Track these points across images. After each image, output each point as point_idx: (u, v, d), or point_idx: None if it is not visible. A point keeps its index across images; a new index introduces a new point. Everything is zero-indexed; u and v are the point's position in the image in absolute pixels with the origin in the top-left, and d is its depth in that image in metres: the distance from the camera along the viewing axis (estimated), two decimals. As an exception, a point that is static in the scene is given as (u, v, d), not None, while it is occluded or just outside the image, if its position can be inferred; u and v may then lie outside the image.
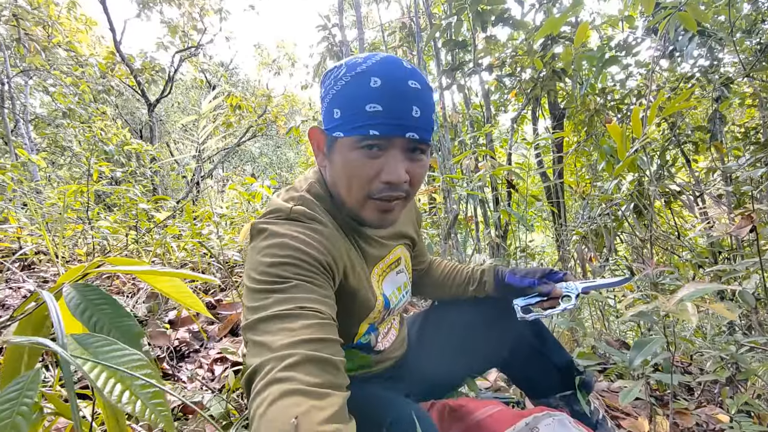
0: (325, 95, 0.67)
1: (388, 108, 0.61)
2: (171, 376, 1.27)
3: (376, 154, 0.64)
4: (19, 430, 0.40)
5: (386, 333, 0.89)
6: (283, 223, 0.65)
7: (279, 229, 0.64)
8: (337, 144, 0.66)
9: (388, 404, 0.67)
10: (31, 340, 0.44)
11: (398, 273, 0.87)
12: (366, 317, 0.77)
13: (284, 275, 0.58)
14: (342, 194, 0.70)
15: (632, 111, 1.36)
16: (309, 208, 0.69)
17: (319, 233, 0.66)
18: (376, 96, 0.61)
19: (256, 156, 13.60)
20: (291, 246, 0.61)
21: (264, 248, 0.62)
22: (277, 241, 0.62)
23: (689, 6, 1.58)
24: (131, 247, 2.12)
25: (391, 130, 0.62)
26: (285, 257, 0.60)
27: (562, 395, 0.99)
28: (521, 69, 3.71)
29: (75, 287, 0.56)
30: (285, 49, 10.09)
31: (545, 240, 8.03)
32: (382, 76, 0.62)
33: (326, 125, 0.68)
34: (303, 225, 0.66)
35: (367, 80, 0.61)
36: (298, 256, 0.60)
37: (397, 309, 0.87)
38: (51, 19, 5.59)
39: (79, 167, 5.64)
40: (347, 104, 0.63)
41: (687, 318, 0.76)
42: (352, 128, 0.63)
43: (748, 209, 1.42)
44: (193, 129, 1.92)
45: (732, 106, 3.82)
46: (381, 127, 0.62)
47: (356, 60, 0.64)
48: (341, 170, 0.67)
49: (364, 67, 0.63)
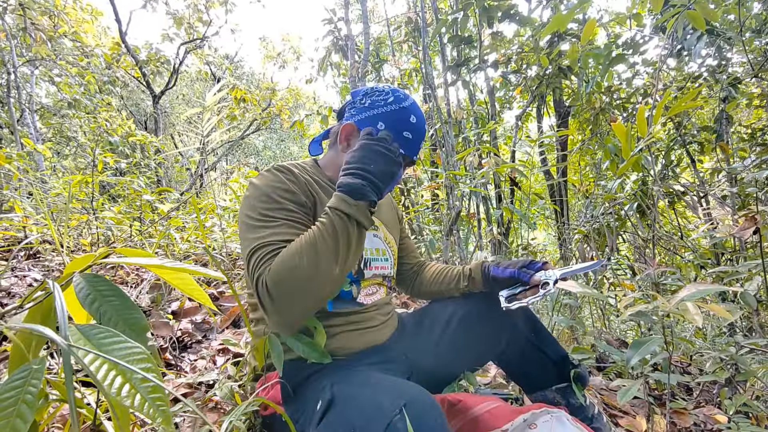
0: (372, 107, 0.92)
1: (415, 138, 0.93)
2: (174, 366, 1.28)
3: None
4: (23, 417, 0.41)
5: (371, 293, 0.97)
6: (266, 174, 0.88)
7: (263, 177, 0.87)
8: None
9: (400, 387, 0.68)
10: (33, 329, 0.44)
11: (375, 236, 1.00)
12: None
13: (273, 215, 0.81)
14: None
15: (638, 110, 1.35)
16: (288, 165, 0.91)
17: (290, 178, 0.88)
18: (411, 129, 0.92)
19: (260, 149, 13.62)
20: (276, 188, 0.85)
21: (254, 194, 0.84)
22: (264, 189, 0.84)
23: (698, 4, 1.57)
24: (135, 238, 2.14)
25: (411, 153, 0.94)
26: (273, 200, 0.83)
27: (558, 387, 1.00)
28: (527, 66, 3.69)
29: (85, 277, 0.57)
30: (290, 42, 10.06)
31: (547, 238, 8.02)
32: (417, 116, 0.93)
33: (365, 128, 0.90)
34: (282, 174, 0.88)
35: (408, 115, 0.92)
36: (282, 197, 0.84)
37: (374, 267, 0.97)
38: (57, 9, 5.60)
39: (84, 158, 5.67)
40: (392, 125, 0.91)
41: (691, 319, 0.76)
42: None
43: (752, 211, 1.41)
44: (197, 121, 1.92)
45: (739, 106, 3.79)
46: (407, 150, 0.93)
47: (400, 95, 0.93)
48: None
49: (406, 104, 0.93)
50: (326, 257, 0.72)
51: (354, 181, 0.77)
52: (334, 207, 0.76)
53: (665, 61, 3.11)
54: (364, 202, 0.77)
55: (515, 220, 3.01)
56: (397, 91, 0.94)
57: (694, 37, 2.71)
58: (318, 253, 0.72)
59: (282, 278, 0.71)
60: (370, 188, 0.77)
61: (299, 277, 0.71)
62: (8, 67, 4.60)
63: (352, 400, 0.69)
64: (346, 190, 0.77)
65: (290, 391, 0.83)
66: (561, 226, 3.69)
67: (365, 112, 0.92)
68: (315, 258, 0.72)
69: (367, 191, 0.77)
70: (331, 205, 0.77)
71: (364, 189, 0.77)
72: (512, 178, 3.14)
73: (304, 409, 0.77)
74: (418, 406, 0.62)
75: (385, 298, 1.01)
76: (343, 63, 5.93)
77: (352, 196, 0.76)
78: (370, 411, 0.64)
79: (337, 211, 0.75)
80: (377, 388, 0.69)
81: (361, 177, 0.77)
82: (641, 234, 2.32)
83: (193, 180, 5.09)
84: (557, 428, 0.79)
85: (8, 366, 0.55)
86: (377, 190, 0.79)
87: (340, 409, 0.69)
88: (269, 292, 0.72)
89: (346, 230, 0.75)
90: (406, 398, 0.63)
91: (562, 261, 2.67)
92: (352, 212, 0.75)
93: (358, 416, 0.65)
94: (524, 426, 0.81)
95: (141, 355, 0.48)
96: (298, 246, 0.73)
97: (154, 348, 0.82)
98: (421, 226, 2.99)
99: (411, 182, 3.25)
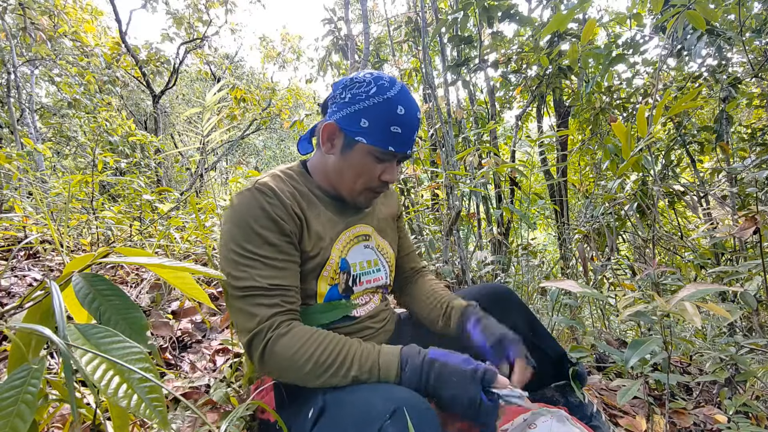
0: (352, 102, 0.82)
1: (405, 133, 0.82)
2: (173, 366, 1.28)
3: (383, 162, 0.85)
4: (23, 417, 0.41)
5: (363, 303, 0.94)
6: (246, 194, 0.81)
7: (244, 202, 0.80)
8: (357, 146, 0.83)
9: (392, 391, 0.67)
10: (32, 329, 0.44)
11: (366, 247, 0.96)
12: (320, 274, 0.86)
13: (256, 252, 0.77)
14: (344, 182, 0.88)
15: (638, 110, 1.35)
16: (271, 181, 0.84)
17: (273, 201, 0.81)
18: (399, 122, 0.81)
19: (260, 149, 13.61)
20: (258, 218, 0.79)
21: (235, 222, 0.79)
22: (245, 219, 0.78)
23: (698, 4, 1.57)
24: (135, 237, 2.14)
25: (402, 149, 0.84)
26: (255, 232, 0.78)
27: (557, 385, 1.00)
28: (527, 66, 3.69)
29: (84, 277, 0.57)
30: (290, 42, 10.05)
31: (547, 238, 8.02)
32: (405, 106, 0.82)
33: (348, 127, 0.83)
34: (264, 196, 0.81)
35: (394, 107, 0.81)
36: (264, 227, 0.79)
37: (365, 281, 0.93)
38: (57, 9, 5.59)
39: (84, 157, 5.66)
40: (376, 121, 0.81)
41: (690, 319, 0.76)
42: (376, 140, 0.81)
43: (752, 211, 1.41)
44: (197, 121, 1.92)
45: (739, 106, 3.79)
46: (397, 146, 0.83)
47: (383, 83, 0.82)
48: (354, 167, 0.85)
49: (392, 94, 0.81)
50: (335, 380, 0.72)
51: (417, 371, 0.71)
52: (382, 362, 0.72)
53: (665, 61, 3.10)
54: (404, 383, 0.71)
55: (515, 220, 3.01)
56: (380, 78, 0.83)
57: (694, 37, 2.71)
58: (332, 374, 0.72)
59: (283, 363, 0.73)
60: (419, 384, 0.70)
61: (300, 374, 0.73)
62: (8, 67, 4.60)
63: (344, 405, 0.69)
64: (406, 366, 0.72)
65: (284, 396, 0.82)
66: (561, 226, 3.69)
67: (346, 108, 0.83)
68: (325, 374, 0.72)
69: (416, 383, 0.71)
70: (382, 357, 0.73)
71: (416, 380, 0.71)
72: (512, 178, 3.14)
73: (297, 415, 0.77)
74: (410, 411, 0.61)
75: (380, 305, 0.99)
76: (343, 63, 5.93)
77: (403, 373, 0.71)
78: (361, 415, 0.63)
79: (381, 367, 0.72)
80: (369, 393, 0.68)
81: (424, 376, 0.71)
82: (641, 234, 2.32)
83: (193, 180, 5.09)
84: (557, 428, 0.79)
85: (7, 366, 0.55)
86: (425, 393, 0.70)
87: (332, 415, 0.69)
88: (264, 360, 0.74)
89: (370, 380, 0.72)
90: (397, 403, 0.62)
91: (562, 261, 2.67)
92: (387, 377, 0.71)
93: (349, 421, 0.64)
94: (524, 426, 0.81)
95: (139, 354, 0.48)
96: (316, 349, 0.73)
97: (155, 347, 0.82)
98: (421, 226, 2.99)
99: (411, 182, 3.25)
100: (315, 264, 0.85)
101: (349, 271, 0.90)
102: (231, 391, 1.01)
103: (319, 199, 0.90)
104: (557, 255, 3.61)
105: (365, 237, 0.97)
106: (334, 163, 0.88)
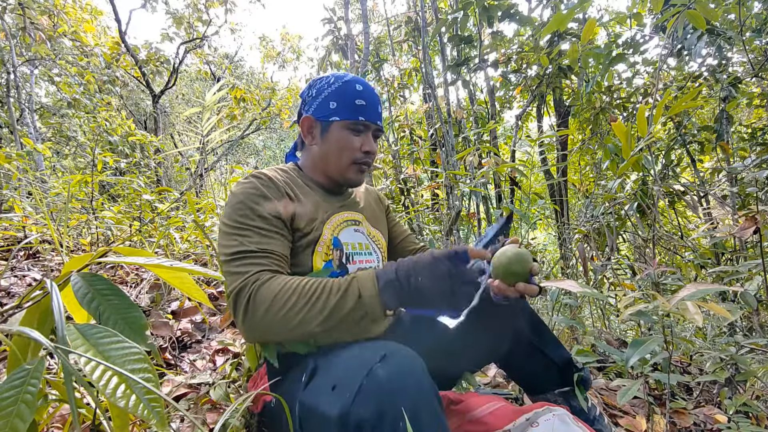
0: (319, 94, 0.95)
1: (369, 104, 0.94)
2: (173, 366, 1.28)
3: (359, 134, 0.94)
4: (23, 417, 0.41)
5: None
6: (243, 182, 0.88)
7: (240, 186, 0.87)
8: (333, 126, 0.94)
9: (383, 343, 0.68)
10: (26, 333, 0.44)
11: (356, 231, 1.01)
12: (315, 249, 0.90)
13: (246, 223, 0.82)
14: (330, 162, 0.96)
15: (638, 109, 1.35)
16: (266, 171, 0.92)
17: (266, 183, 0.88)
18: (361, 96, 0.93)
19: (260, 149, 13.60)
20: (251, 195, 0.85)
21: (231, 204, 0.85)
22: (239, 197, 0.84)
23: (698, 4, 1.56)
24: (135, 237, 2.13)
25: (371, 118, 0.94)
26: (247, 206, 0.83)
27: (561, 391, 0.99)
28: (527, 65, 3.68)
29: (83, 276, 0.56)
30: (290, 42, 10.05)
31: (547, 238, 8.02)
32: (362, 84, 0.95)
33: (321, 114, 0.94)
34: (258, 180, 0.88)
35: (353, 86, 0.94)
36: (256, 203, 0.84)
37: (357, 261, 0.97)
38: (56, 9, 5.59)
39: (84, 157, 5.66)
40: (341, 99, 0.93)
41: (691, 318, 0.76)
42: (347, 114, 0.92)
43: (752, 211, 1.41)
44: (197, 121, 1.92)
45: (739, 106, 3.79)
46: (366, 115, 0.93)
47: (339, 74, 0.96)
48: (335, 143, 0.94)
49: (348, 78, 0.95)
50: (315, 314, 0.71)
51: (392, 276, 0.72)
52: (359, 279, 0.73)
53: (665, 60, 3.10)
54: (385, 297, 0.71)
55: (515, 220, 3.01)
56: (336, 74, 0.97)
57: (695, 36, 2.71)
58: (311, 306, 0.71)
59: (264, 307, 0.72)
60: (401, 291, 0.71)
61: (280, 316, 0.71)
62: (8, 67, 4.60)
63: (335, 361, 0.70)
64: (381, 277, 0.72)
65: (277, 373, 0.82)
66: (561, 226, 3.68)
67: (315, 101, 0.95)
68: (305, 308, 0.71)
69: (396, 291, 0.71)
70: (358, 276, 0.74)
71: (395, 286, 0.71)
72: (512, 178, 3.14)
73: (291, 385, 0.78)
74: (397, 356, 0.63)
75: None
76: (343, 62, 5.93)
77: (380, 282, 0.72)
78: (352, 363, 0.65)
79: (358, 284, 0.72)
80: (358, 349, 0.70)
81: (402, 279, 0.72)
82: (641, 234, 2.32)
83: (193, 179, 5.09)
84: (559, 427, 0.79)
85: (7, 366, 0.55)
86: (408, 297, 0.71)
87: (324, 371, 0.71)
88: (248, 314, 0.73)
89: (351, 306, 0.71)
90: (386, 350, 0.64)
91: (562, 261, 2.67)
92: (366, 295, 0.71)
93: (341, 370, 0.66)
94: (526, 425, 0.81)
95: (138, 355, 0.48)
96: (296, 286, 0.73)
97: (154, 347, 0.82)
98: (421, 226, 2.99)
99: (411, 182, 3.25)
100: (308, 240, 0.89)
101: (342, 248, 0.94)
102: (231, 390, 1.01)
103: (311, 189, 0.97)
104: (557, 255, 3.60)
105: (355, 222, 1.02)
106: (318, 150, 0.97)
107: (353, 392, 0.59)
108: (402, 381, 0.59)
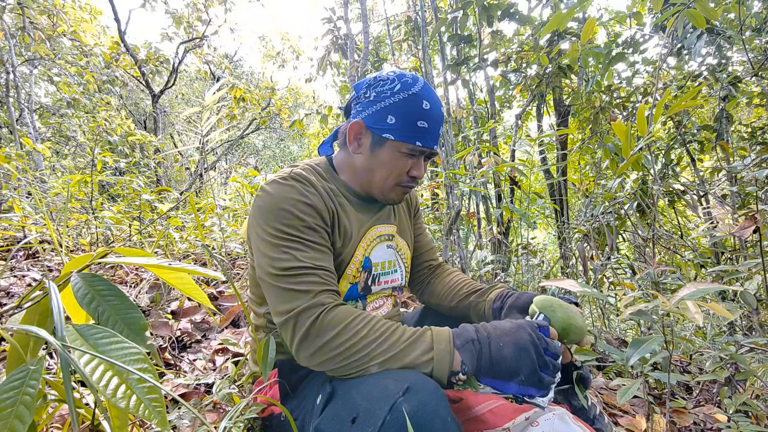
0: (377, 100, 0.84)
1: (431, 126, 0.84)
2: (173, 366, 1.28)
3: (412, 158, 0.86)
4: (22, 418, 0.41)
5: (377, 306, 0.94)
6: (282, 182, 0.81)
7: (281, 188, 0.80)
8: (387, 143, 0.84)
9: (403, 373, 0.66)
10: (29, 330, 0.44)
11: (388, 247, 0.96)
12: (344, 272, 0.86)
13: (296, 235, 0.76)
14: (374, 180, 0.88)
15: (638, 109, 1.35)
16: (305, 172, 0.85)
17: (310, 190, 0.82)
18: (426, 116, 0.82)
19: (260, 149, 13.60)
20: (297, 202, 0.78)
21: (271, 207, 0.78)
22: (281, 203, 0.77)
23: (698, 3, 1.56)
24: (134, 237, 2.13)
25: (429, 144, 0.85)
26: (294, 215, 0.77)
27: (560, 389, 0.99)
28: (527, 65, 3.68)
29: (83, 277, 0.56)
30: (289, 41, 10.04)
31: (547, 237, 8.02)
32: (430, 101, 0.83)
33: (375, 125, 0.84)
34: (302, 184, 0.81)
35: (420, 102, 0.82)
36: (303, 212, 0.78)
37: (383, 282, 0.94)
38: (56, 8, 5.58)
39: (84, 157, 5.66)
40: (402, 116, 0.82)
41: (691, 317, 0.76)
42: (404, 136, 0.83)
43: (752, 210, 1.41)
44: (196, 121, 1.92)
45: (739, 105, 3.78)
46: (424, 140, 0.84)
47: (407, 80, 0.84)
48: (384, 164, 0.86)
49: (416, 89, 0.83)
50: (380, 353, 0.69)
51: (473, 336, 0.70)
52: (434, 331, 0.71)
53: (665, 59, 3.10)
54: (463, 356, 0.69)
55: (515, 219, 3.01)
56: (403, 75, 0.85)
57: (694, 35, 2.71)
58: (378, 344, 0.69)
59: (332, 333, 0.69)
60: (481, 354, 0.69)
61: (346, 346, 0.69)
62: (7, 67, 4.59)
63: (355, 387, 0.68)
64: (458, 335, 0.70)
65: (288, 390, 0.82)
66: (561, 226, 3.68)
67: (372, 107, 0.84)
68: (372, 344, 0.69)
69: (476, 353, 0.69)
70: (432, 328, 0.72)
71: (475, 348, 0.69)
72: (512, 177, 3.13)
73: (303, 405, 0.77)
74: (421, 390, 0.61)
75: (392, 311, 0.99)
76: (342, 62, 5.92)
77: (457, 340, 0.70)
78: (375, 393, 0.63)
79: (432, 334, 0.71)
80: (379, 377, 0.68)
81: (482, 341, 0.70)
82: (641, 233, 2.32)
83: (193, 179, 5.08)
84: (559, 426, 0.79)
85: (6, 366, 0.55)
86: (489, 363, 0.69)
87: (343, 397, 0.68)
88: (309, 337, 0.70)
89: (417, 354, 0.69)
90: (409, 382, 0.62)
91: (562, 260, 2.67)
92: (439, 349, 0.69)
93: (362, 400, 0.64)
94: (526, 424, 0.81)
95: (138, 355, 0.48)
96: (368, 321, 0.71)
97: (154, 347, 0.82)
98: (421, 226, 2.99)
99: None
100: (340, 261, 0.85)
101: (370, 270, 0.91)
102: (234, 390, 1.01)
103: (346, 198, 0.91)
104: (557, 254, 3.61)
105: (389, 237, 0.97)
106: (362, 162, 0.88)
107: (376, 427, 0.58)
108: (427, 419, 0.58)
